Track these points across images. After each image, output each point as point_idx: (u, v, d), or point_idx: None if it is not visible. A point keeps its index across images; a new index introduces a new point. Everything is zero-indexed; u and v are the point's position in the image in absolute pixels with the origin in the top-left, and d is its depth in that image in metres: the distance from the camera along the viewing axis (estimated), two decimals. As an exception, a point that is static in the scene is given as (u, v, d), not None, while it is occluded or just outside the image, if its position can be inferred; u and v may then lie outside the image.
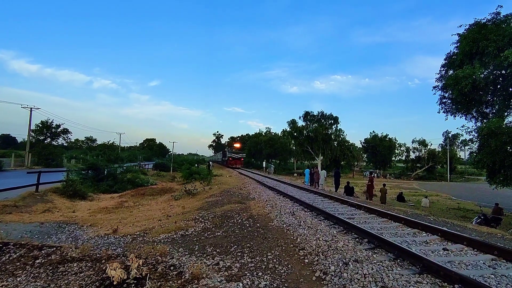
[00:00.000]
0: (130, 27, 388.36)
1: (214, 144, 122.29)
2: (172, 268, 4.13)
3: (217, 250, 5.12)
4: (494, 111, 16.20)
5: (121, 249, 5.54)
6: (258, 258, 4.59)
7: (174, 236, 6.47)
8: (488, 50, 14.25)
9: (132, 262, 3.84)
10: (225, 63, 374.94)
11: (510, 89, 14.98)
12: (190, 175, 24.91)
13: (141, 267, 3.86)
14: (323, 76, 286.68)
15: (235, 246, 5.24)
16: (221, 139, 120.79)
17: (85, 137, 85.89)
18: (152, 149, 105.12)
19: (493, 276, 3.93)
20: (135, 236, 7.10)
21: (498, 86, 15.47)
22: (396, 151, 69.21)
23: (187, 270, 4.00)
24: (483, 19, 15.73)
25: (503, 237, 6.58)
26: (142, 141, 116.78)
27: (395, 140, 67.60)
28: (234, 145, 57.54)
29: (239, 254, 4.83)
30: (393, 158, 70.66)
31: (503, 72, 14.44)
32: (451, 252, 4.99)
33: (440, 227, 6.33)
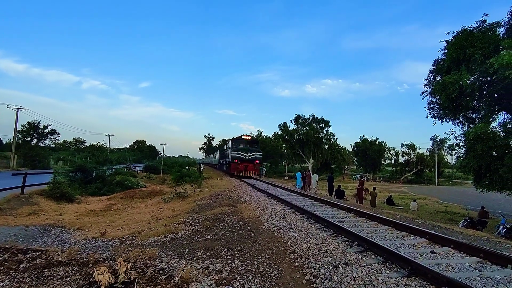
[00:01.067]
0: (121, 27, 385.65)
1: (205, 147, 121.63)
2: (161, 272, 4.08)
3: (207, 253, 5.08)
4: (480, 116, 16.58)
5: (109, 252, 5.45)
6: (248, 261, 4.58)
7: (164, 239, 6.40)
8: (474, 57, 14.60)
9: (120, 266, 3.78)
10: (217, 66, 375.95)
11: (495, 95, 15.37)
12: (181, 177, 24.75)
13: (130, 271, 3.80)
14: (314, 80, 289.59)
15: (226, 250, 5.21)
16: (213, 142, 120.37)
17: (73, 139, 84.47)
18: (142, 151, 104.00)
19: (479, 278, 4.00)
20: (124, 239, 6.99)
21: (484, 92, 15.86)
22: (386, 154, 70.18)
23: (177, 274, 3.96)
24: (470, 26, 16.13)
25: (488, 239, 6.71)
26: (132, 143, 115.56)
27: (385, 144, 68.59)
28: (243, 137, 29.18)
29: (230, 257, 4.80)
30: (382, 162, 71.57)
31: (489, 78, 14.80)
32: (439, 254, 5.07)
33: (428, 230, 6.42)
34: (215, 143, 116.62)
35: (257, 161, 26.77)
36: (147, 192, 18.44)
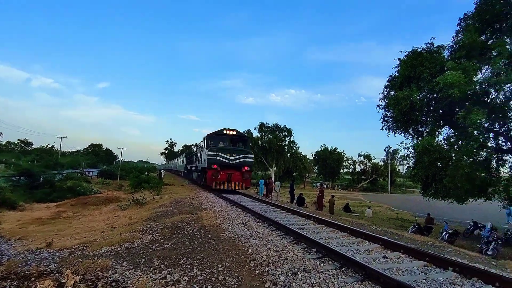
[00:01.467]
0: (79, 22, 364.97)
1: (166, 152, 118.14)
2: (114, 284, 3.85)
3: (165, 263, 4.90)
4: (427, 130, 17.99)
5: (56, 264, 5.03)
6: (208, 270, 4.49)
7: (118, 249, 6.05)
8: (423, 75, 15.89)
9: (67, 279, 3.51)
10: (182, 70, 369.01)
11: (441, 111, 16.83)
12: (139, 183, 23.77)
13: (78, 284, 3.54)
14: (279, 89, 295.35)
15: (185, 259, 5.06)
16: (175, 147, 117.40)
17: (18, 140, 77.21)
18: (98, 155, 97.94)
19: (424, 281, 4.29)
20: (73, 249, 6.50)
21: (431, 108, 17.29)
22: (344, 163, 73.38)
23: (131, 285, 3.77)
24: (420, 47, 17.57)
25: (433, 244, 7.25)
26: (86, 146, 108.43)
27: (343, 153, 71.75)
28: (226, 131, 19.45)
29: (189, 266, 4.67)
30: (341, 170, 74.68)
31: (435, 95, 16.18)
32: (390, 259, 5.37)
33: (381, 236, 6.78)
34: (177, 148, 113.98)
35: (246, 168, 18.26)
36: (101, 198, 17.44)
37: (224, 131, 19.22)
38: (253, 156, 19.86)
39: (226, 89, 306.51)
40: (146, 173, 36.08)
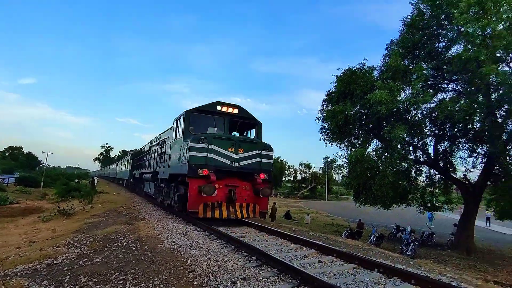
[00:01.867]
0: None
1: (101, 158, 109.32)
2: (29, 307, 3.40)
3: (94, 279, 4.49)
4: (359, 142, 19.67)
5: (-46, 289, 4.27)
6: (143, 284, 4.24)
7: (38, 266, 5.37)
8: (356, 92, 17.41)
9: (-31, 306, 3.00)
10: (121, 70, 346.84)
11: (371, 126, 18.61)
12: (67, 192, 21.54)
13: (-17, 311, 3.05)
14: (225, 96, 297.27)
15: (117, 273, 4.70)
16: (111, 152, 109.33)
17: None
18: (16, 159, 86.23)
19: (353, 282, 4.63)
20: (-21, 270, 5.58)
21: (363, 122, 19.00)
22: (286, 172, 76.19)
23: (51, 307, 3.37)
24: (354, 67, 19.24)
25: (363, 247, 7.90)
26: (3, 150, 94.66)
27: (286, 162, 74.55)
28: (220, 107, 10.10)
29: (121, 282, 4.35)
30: (283, 179, 77.28)
31: (366, 111, 17.84)
32: (324, 264, 5.68)
33: (317, 242, 7.15)
34: (113, 154, 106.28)
35: (263, 175, 9.83)
36: (19, 209, 15.43)
37: (218, 107, 10.40)
38: (272, 154, 10.73)
39: (171, 93, 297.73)
40: (76, 180, 32.91)
